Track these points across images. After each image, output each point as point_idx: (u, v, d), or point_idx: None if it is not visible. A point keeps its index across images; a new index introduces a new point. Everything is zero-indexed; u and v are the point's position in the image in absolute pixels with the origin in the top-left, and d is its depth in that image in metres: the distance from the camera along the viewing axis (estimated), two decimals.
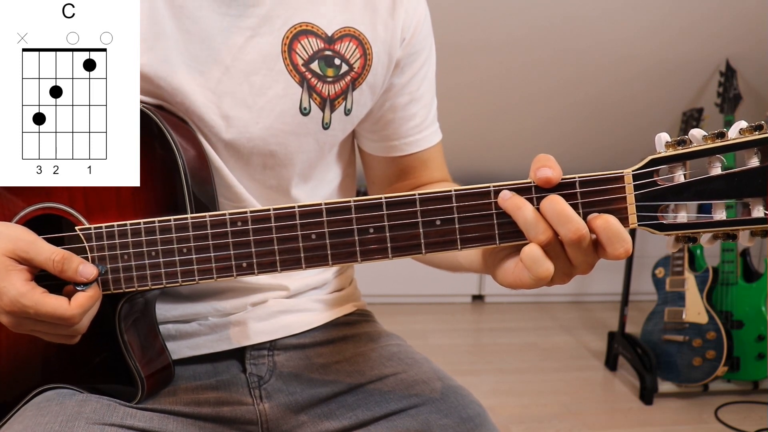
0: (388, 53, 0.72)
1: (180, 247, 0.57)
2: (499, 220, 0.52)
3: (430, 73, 0.78)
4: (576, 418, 1.96)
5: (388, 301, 2.91)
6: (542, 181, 0.50)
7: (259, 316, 0.74)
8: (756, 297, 2.02)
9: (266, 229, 0.55)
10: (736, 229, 0.49)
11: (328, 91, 0.68)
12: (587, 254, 0.51)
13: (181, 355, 0.71)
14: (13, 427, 0.60)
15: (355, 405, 0.70)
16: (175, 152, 0.59)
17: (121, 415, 0.62)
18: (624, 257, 0.50)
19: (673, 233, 0.50)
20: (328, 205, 0.54)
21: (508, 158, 2.86)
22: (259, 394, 0.72)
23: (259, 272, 0.56)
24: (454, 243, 0.53)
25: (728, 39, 2.30)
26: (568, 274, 0.53)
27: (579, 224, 0.49)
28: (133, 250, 0.58)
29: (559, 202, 0.50)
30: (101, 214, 0.60)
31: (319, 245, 0.55)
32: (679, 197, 0.49)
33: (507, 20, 2.16)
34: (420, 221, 0.53)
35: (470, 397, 0.71)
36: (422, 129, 0.79)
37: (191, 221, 0.57)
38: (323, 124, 0.69)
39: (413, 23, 0.73)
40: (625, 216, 0.50)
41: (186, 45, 0.63)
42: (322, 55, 0.68)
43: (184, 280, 0.58)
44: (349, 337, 0.79)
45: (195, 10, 0.63)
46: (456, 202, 0.52)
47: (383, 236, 0.54)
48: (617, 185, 0.50)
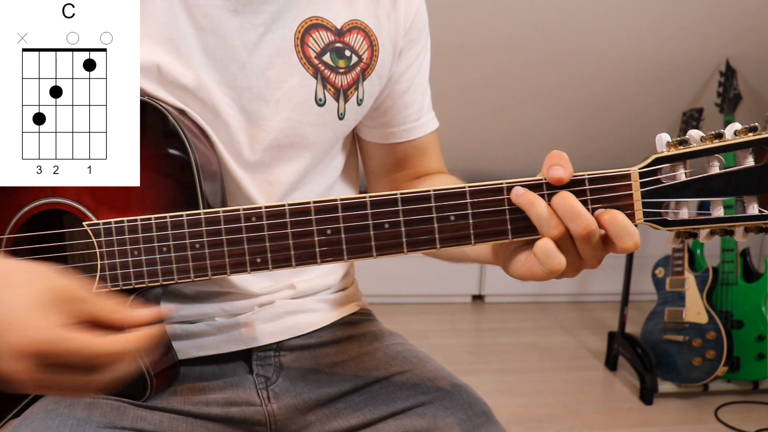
0: (392, 43, 0.74)
1: (192, 242, 0.57)
2: (512, 216, 0.54)
3: (425, 62, 0.81)
4: (576, 418, 1.96)
5: (388, 301, 2.91)
6: (554, 180, 0.52)
7: (266, 317, 0.74)
8: (756, 297, 2.02)
9: (281, 225, 0.56)
10: (732, 225, 0.52)
11: (341, 82, 0.70)
12: (596, 249, 0.53)
13: (187, 355, 0.71)
14: (20, 430, 0.59)
15: (362, 404, 0.70)
16: (185, 143, 0.59)
17: (131, 418, 0.62)
18: (633, 249, 0.52)
19: (675, 229, 0.53)
20: (343, 201, 0.55)
21: (508, 158, 2.86)
22: (266, 394, 0.72)
23: (273, 267, 0.56)
24: (468, 238, 0.54)
25: (728, 39, 2.30)
26: (577, 268, 0.55)
27: (589, 220, 0.51)
28: (143, 245, 0.58)
29: (570, 199, 0.52)
30: (109, 209, 0.60)
31: (334, 240, 0.55)
32: (681, 194, 0.52)
33: (507, 20, 2.16)
34: (435, 216, 0.54)
35: (475, 394, 0.71)
36: (420, 116, 0.80)
37: (204, 217, 0.57)
38: (338, 114, 0.71)
39: (412, 12, 0.75)
40: (631, 212, 0.53)
41: (203, 42, 0.64)
42: (333, 47, 0.69)
43: (196, 275, 0.58)
44: (354, 336, 0.79)
45: (209, 9, 0.64)
46: (470, 198, 0.54)
47: (398, 231, 0.55)
48: (624, 182, 0.53)
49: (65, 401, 0.62)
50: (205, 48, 0.64)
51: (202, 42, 0.64)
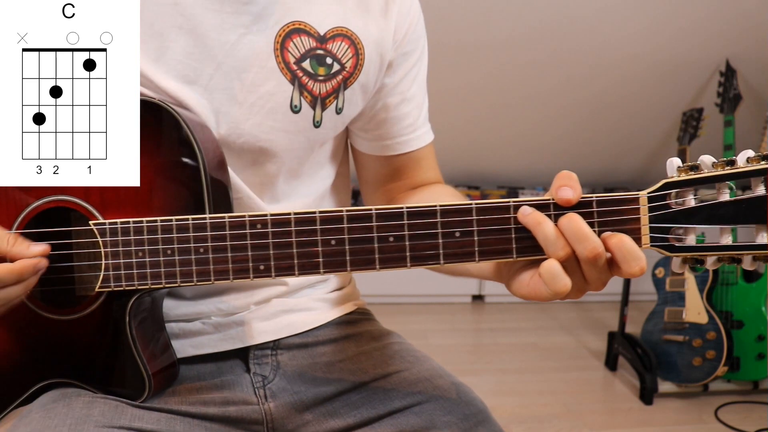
0: (380, 54, 0.72)
1: (197, 247, 0.57)
2: (518, 235, 0.54)
3: (421, 74, 0.79)
4: (576, 418, 1.96)
5: (388, 301, 2.91)
6: (563, 201, 0.52)
7: (262, 316, 0.74)
8: (756, 297, 2.02)
9: (286, 233, 0.56)
10: (740, 254, 0.51)
11: (319, 90, 0.69)
12: (602, 272, 0.53)
13: (184, 354, 0.71)
14: (19, 429, 0.59)
15: (359, 403, 0.70)
16: (196, 151, 0.59)
17: (129, 417, 0.62)
18: (639, 274, 0.51)
19: (682, 255, 0.53)
20: (349, 212, 0.55)
21: (507, 158, 2.86)
22: (263, 393, 0.72)
23: (276, 275, 0.56)
24: (472, 255, 0.54)
25: (728, 39, 2.30)
26: (581, 290, 0.55)
27: (596, 243, 0.51)
28: (148, 247, 0.58)
29: (577, 221, 0.51)
30: (117, 209, 0.60)
31: (338, 251, 0.55)
32: (689, 221, 0.52)
33: (507, 20, 2.16)
34: (440, 232, 0.54)
35: (473, 393, 0.71)
36: (415, 129, 0.79)
37: (210, 221, 0.57)
38: (314, 122, 0.70)
39: (406, 24, 0.74)
40: (638, 236, 0.52)
41: (178, 40, 0.63)
42: (314, 53, 0.68)
43: (199, 279, 0.58)
44: (351, 335, 0.79)
45: (189, 7, 0.63)
46: (476, 215, 0.54)
47: (402, 245, 0.54)
48: (632, 206, 0.52)
49: (64, 400, 0.62)
50: (181, 46, 0.63)
51: (177, 39, 0.63)
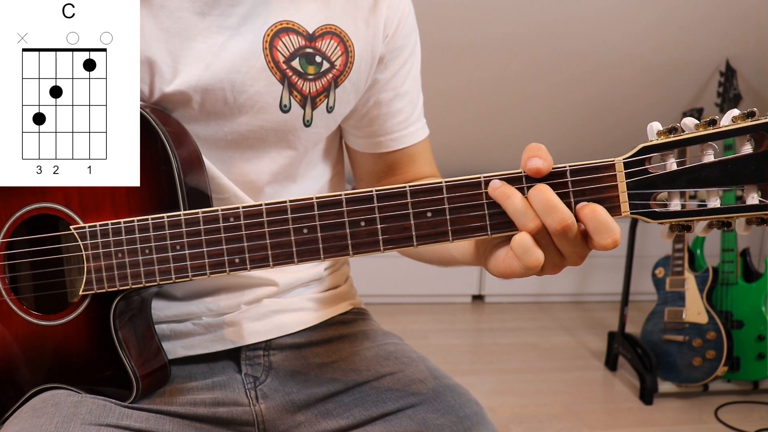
0: (370, 50, 0.72)
1: (173, 244, 0.57)
2: (490, 211, 0.52)
3: (414, 69, 0.78)
4: (576, 418, 1.96)
5: (388, 301, 2.91)
6: (532, 171, 0.50)
7: (253, 316, 0.74)
8: (756, 297, 2.02)
9: (258, 224, 0.55)
10: (730, 217, 0.48)
11: (309, 89, 0.69)
12: (575, 245, 0.51)
13: (176, 355, 0.71)
14: (8, 429, 0.60)
15: (352, 404, 0.70)
16: (168, 149, 0.59)
17: (117, 415, 0.62)
18: (611, 248, 0.49)
19: (667, 221, 0.50)
20: (319, 199, 0.54)
21: (507, 158, 2.85)
22: (255, 394, 0.71)
23: (251, 267, 0.56)
24: (445, 234, 0.53)
25: (728, 39, 2.30)
26: (557, 265, 0.53)
27: (564, 214, 0.49)
28: (127, 247, 0.58)
29: (546, 191, 0.49)
30: (96, 213, 0.60)
31: (310, 239, 0.55)
32: (671, 185, 0.49)
33: (506, 20, 2.16)
34: (411, 212, 0.53)
35: (467, 395, 0.71)
36: (408, 125, 0.79)
37: (184, 218, 0.57)
38: (304, 121, 0.70)
39: (396, 19, 0.73)
40: (617, 204, 0.50)
41: (165, 43, 0.63)
42: (303, 52, 0.68)
43: (177, 276, 0.58)
44: (345, 336, 0.79)
45: (175, 10, 0.63)
46: (447, 193, 0.52)
47: (374, 228, 0.54)
48: (608, 173, 0.50)
49: (52, 400, 0.62)
50: (168, 48, 0.63)
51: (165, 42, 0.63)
